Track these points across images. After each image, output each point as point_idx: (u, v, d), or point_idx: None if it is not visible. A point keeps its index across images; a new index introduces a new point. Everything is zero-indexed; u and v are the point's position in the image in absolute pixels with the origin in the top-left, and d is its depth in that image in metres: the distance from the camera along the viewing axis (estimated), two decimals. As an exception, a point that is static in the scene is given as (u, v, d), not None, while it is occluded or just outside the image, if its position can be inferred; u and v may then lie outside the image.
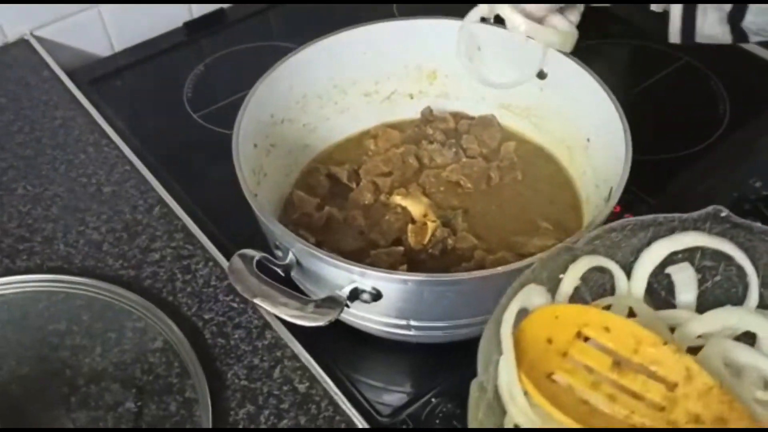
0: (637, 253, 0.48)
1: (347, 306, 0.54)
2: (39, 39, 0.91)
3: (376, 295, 0.55)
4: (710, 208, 0.47)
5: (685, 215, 0.47)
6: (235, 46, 0.96)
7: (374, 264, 0.64)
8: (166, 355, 0.58)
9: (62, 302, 0.63)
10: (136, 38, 0.97)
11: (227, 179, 0.60)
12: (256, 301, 0.52)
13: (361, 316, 0.59)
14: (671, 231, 0.47)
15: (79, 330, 0.60)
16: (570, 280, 0.46)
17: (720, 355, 0.43)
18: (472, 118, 0.78)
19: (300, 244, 0.56)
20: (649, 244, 0.48)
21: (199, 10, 1.00)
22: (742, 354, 0.44)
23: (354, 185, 0.72)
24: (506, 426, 0.43)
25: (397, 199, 0.69)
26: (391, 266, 0.63)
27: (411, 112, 0.79)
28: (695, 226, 0.47)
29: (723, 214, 0.47)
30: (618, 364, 0.42)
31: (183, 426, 0.54)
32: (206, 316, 0.62)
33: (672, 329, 0.47)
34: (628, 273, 0.48)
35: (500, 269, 0.52)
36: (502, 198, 0.71)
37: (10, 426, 0.55)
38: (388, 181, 0.71)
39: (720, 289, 0.48)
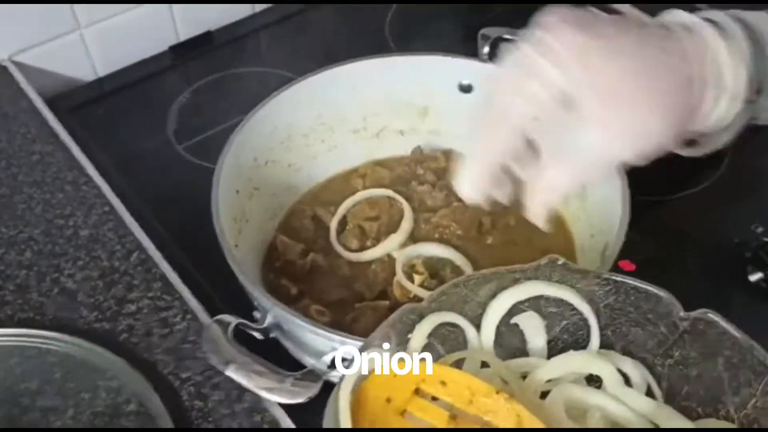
0: (484, 306, 0.49)
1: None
2: (18, 65, 0.88)
3: (359, 363, 0.53)
4: (546, 258, 0.49)
5: (526, 266, 0.49)
6: (222, 72, 0.93)
7: (358, 319, 0.62)
8: (140, 419, 0.56)
9: (35, 358, 0.60)
10: (120, 62, 0.94)
11: (210, 219, 0.58)
12: (230, 374, 0.50)
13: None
14: (515, 282, 0.49)
15: (51, 390, 0.58)
16: (418, 339, 0.47)
17: (560, 399, 0.45)
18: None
19: (278, 308, 0.53)
20: (494, 296, 0.49)
21: (185, 34, 0.97)
22: (584, 395, 0.46)
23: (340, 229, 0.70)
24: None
25: (384, 247, 0.67)
26: (377, 322, 0.61)
27: (401, 148, 0.77)
28: (536, 276, 0.49)
29: (560, 262, 0.49)
30: (454, 417, 0.44)
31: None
32: (183, 375, 0.59)
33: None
34: (479, 326, 0.49)
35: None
36: (493, 246, 0.68)
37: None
38: (375, 226, 0.69)
39: (567, 333, 0.50)
